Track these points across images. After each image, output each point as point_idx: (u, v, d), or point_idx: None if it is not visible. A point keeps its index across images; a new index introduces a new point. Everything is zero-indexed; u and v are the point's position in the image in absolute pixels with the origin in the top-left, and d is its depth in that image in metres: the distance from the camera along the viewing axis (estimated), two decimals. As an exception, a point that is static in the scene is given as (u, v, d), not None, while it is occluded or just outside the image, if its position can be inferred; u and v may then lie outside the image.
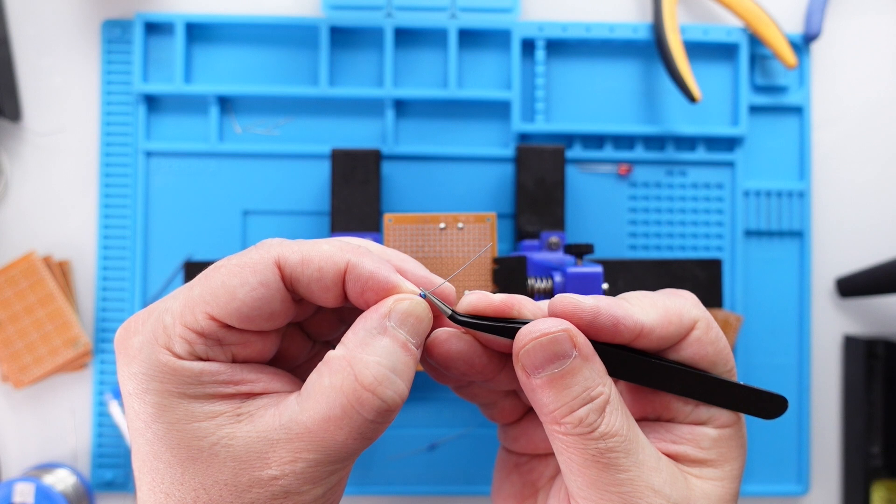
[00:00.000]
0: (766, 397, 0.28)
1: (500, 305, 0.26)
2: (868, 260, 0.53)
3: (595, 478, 0.25)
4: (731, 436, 0.27)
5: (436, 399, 0.51)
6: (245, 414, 0.24)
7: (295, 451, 0.23)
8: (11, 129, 0.52)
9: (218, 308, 0.24)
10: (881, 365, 0.51)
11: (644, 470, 0.25)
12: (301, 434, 0.23)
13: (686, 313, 0.27)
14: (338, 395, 0.24)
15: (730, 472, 0.27)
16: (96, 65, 0.52)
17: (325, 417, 0.23)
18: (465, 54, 0.52)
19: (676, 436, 0.27)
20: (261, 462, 0.23)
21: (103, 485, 0.50)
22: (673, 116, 0.53)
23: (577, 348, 0.25)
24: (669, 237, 0.52)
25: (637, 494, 0.24)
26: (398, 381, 0.24)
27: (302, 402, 0.24)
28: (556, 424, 0.25)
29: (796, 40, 0.53)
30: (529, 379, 0.25)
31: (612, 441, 0.24)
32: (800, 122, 0.53)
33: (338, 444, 0.24)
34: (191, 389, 0.24)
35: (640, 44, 0.53)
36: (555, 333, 0.25)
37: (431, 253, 0.46)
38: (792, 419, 0.52)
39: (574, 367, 0.25)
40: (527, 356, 0.25)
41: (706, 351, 0.27)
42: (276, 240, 0.26)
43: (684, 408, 0.27)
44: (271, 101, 0.52)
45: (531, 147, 0.49)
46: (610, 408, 0.25)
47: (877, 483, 0.51)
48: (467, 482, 0.51)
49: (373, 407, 0.23)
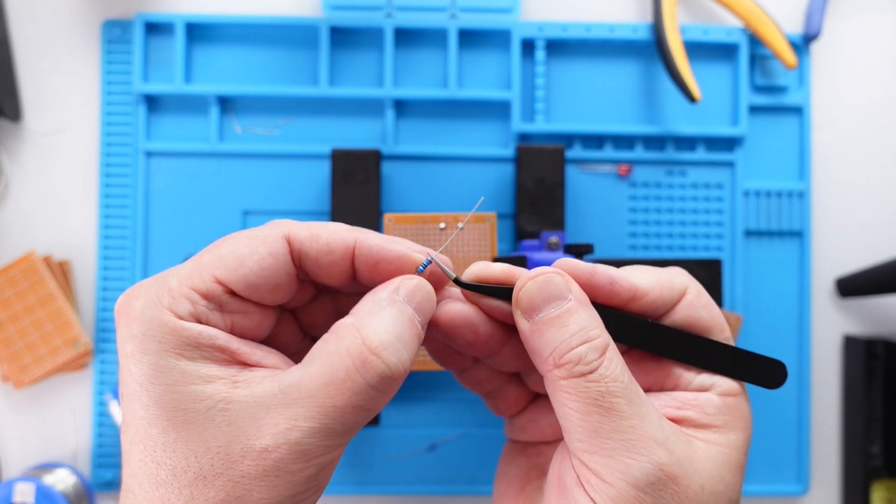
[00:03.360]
0: (765, 363, 0.28)
1: (502, 274, 0.28)
2: (868, 260, 0.53)
3: (596, 425, 0.25)
4: (736, 405, 0.28)
5: (436, 399, 0.51)
6: (242, 381, 0.24)
7: (291, 417, 0.23)
8: (11, 129, 0.52)
9: (226, 272, 0.25)
10: (881, 365, 0.51)
11: (646, 421, 0.25)
12: (300, 398, 0.23)
13: (677, 280, 0.28)
14: (343, 357, 0.24)
15: (735, 441, 0.27)
16: (96, 65, 0.52)
17: (328, 381, 0.24)
18: (465, 54, 0.52)
19: (681, 402, 0.27)
20: (255, 429, 0.23)
21: (103, 485, 0.50)
22: (673, 116, 0.53)
23: (573, 292, 0.26)
24: (669, 237, 0.52)
25: (640, 443, 0.25)
26: (403, 350, 0.24)
27: (304, 367, 0.24)
28: (557, 367, 0.25)
29: (796, 40, 0.53)
30: (528, 322, 0.26)
31: (614, 385, 0.25)
32: (800, 122, 0.53)
33: (336, 411, 0.23)
34: (189, 351, 0.24)
35: (640, 44, 0.53)
36: (551, 274, 0.26)
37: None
38: (791, 419, 0.52)
39: (571, 308, 0.26)
40: (524, 296, 0.26)
41: (699, 314, 0.28)
42: (285, 220, 0.27)
43: (686, 374, 0.28)
44: (271, 101, 0.52)
45: (531, 147, 0.49)
46: (609, 353, 0.25)
47: (877, 483, 0.51)
48: (467, 482, 0.51)
49: (377, 371, 0.24)
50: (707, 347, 0.28)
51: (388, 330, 0.24)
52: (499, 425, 0.51)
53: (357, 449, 0.51)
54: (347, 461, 0.51)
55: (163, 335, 0.24)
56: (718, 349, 0.28)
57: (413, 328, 0.25)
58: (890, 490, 0.51)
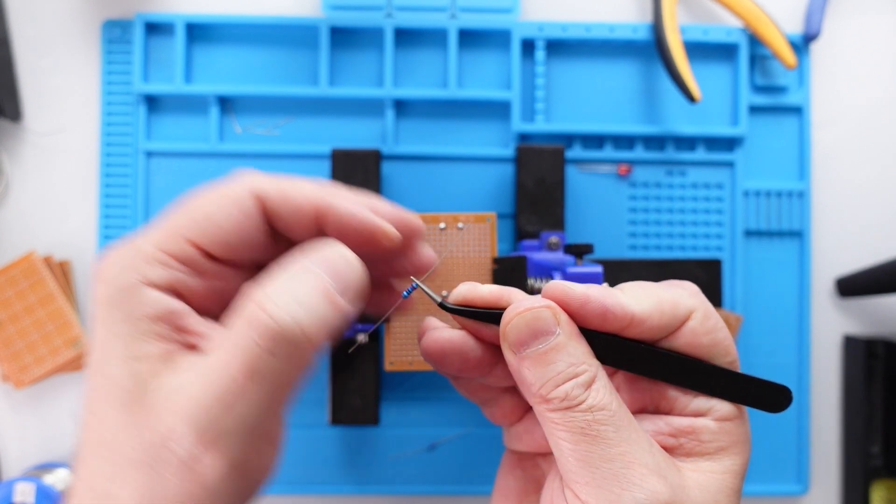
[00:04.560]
0: (769, 388, 0.27)
1: (490, 296, 0.27)
2: (868, 260, 0.53)
3: (585, 453, 0.24)
4: (733, 429, 0.26)
5: (436, 399, 0.51)
6: (180, 365, 0.23)
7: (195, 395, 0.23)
8: (11, 129, 0.52)
9: (200, 234, 0.24)
10: (881, 365, 0.51)
11: (635, 447, 0.24)
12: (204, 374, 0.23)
13: (682, 303, 0.26)
14: (237, 318, 0.23)
15: (730, 467, 0.26)
16: (96, 65, 0.52)
17: (224, 358, 0.23)
18: (465, 54, 0.52)
19: (675, 428, 0.26)
20: (169, 414, 0.22)
21: (103, 485, 0.50)
22: (673, 116, 0.53)
23: (561, 326, 0.25)
24: (669, 237, 0.52)
25: (630, 471, 0.24)
26: (300, 310, 0.23)
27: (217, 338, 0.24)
28: (544, 402, 0.25)
29: (796, 40, 0.53)
30: (515, 356, 0.25)
31: (601, 414, 0.24)
32: (799, 123, 0.53)
33: (231, 381, 0.22)
34: (144, 324, 0.23)
35: (640, 44, 0.53)
36: (538, 309, 0.25)
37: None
38: (791, 419, 0.52)
39: (559, 344, 0.25)
40: (512, 331, 0.25)
41: (700, 342, 0.26)
42: (250, 171, 0.26)
43: (682, 397, 0.27)
44: (271, 101, 0.52)
45: (531, 147, 0.49)
46: (597, 385, 0.25)
47: (877, 483, 0.51)
48: (467, 482, 0.51)
49: (264, 326, 0.22)
50: (706, 372, 0.26)
51: (285, 289, 0.23)
52: (498, 426, 0.51)
53: (357, 449, 0.51)
54: (347, 461, 0.51)
55: (123, 304, 0.23)
56: (719, 374, 0.26)
57: (321, 293, 0.23)
58: (890, 490, 0.51)
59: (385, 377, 0.50)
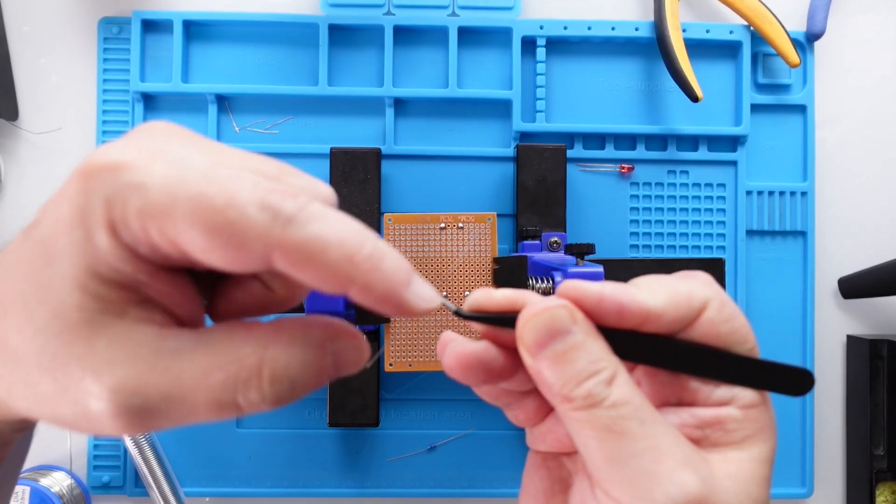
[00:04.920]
0: (790, 373, 0.27)
1: (504, 301, 0.27)
2: (871, 260, 0.53)
3: (612, 450, 0.24)
4: (758, 416, 0.26)
5: (436, 400, 0.51)
6: (130, 316, 0.22)
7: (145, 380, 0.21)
8: (8, 128, 0.51)
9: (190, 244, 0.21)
10: (885, 365, 0.50)
11: (662, 441, 0.24)
12: (169, 370, 0.22)
13: (697, 294, 0.26)
14: (235, 362, 0.22)
15: (758, 454, 0.26)
16: (93, 63, 0.52)
17: (206, 373, 0.22)
18: (466, 53, 0.52)
19: (700, 420, 0.26)
20: (107, 369, 0.21)
21: (100, 487, 0.50)
22: (675, 115, 0.52)
23: (578, 325, 0.25)
24: (671, 237, 0.52)
25: (659, 465, 0.24)
26: (288, 391, 0.23)
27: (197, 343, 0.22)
28: (567, 402, 0.24)
29: (799, 38, 0.52)
30: (534, 358, 0.25)
31: (624, 409, 0.24)
32: (803, 121, 0.53)
33: (187, 402, 0.22)
34: (102, 265, 0.22)
35: (642, 42, 0.52)
36: (554, 309, 0.25)
37: (431, 253, 0.45)
38: (795, 421, 0.51)
39: (577, 343, 0.25)
40: (528, 333, 0.25)
41: (719, 331, 0.26)
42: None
43: (704, 388, 0.26)
44: (270, 100, 0.51)
45: (532, 146, 0.49)
46: (618, 381, 0.25)
47: (881, 485, 0.50)
48: (467, 484, 0.50)
49: (253, 396, 0.22)
50: (727, 361, 0.26)
51: (291, 367, 0.23)
52: (498, 427, 0.51)
53: (356, 450, 0.50)
54: (347, 463, 0.50)
55: (92, 234, 0.21)
56: (739, 362, 0.26)
57: (317, 379, 0.23)
58: (894, 492, 0.51)
59: (385, 378, 0.50)
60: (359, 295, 0.22)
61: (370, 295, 0.22)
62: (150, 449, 0.49)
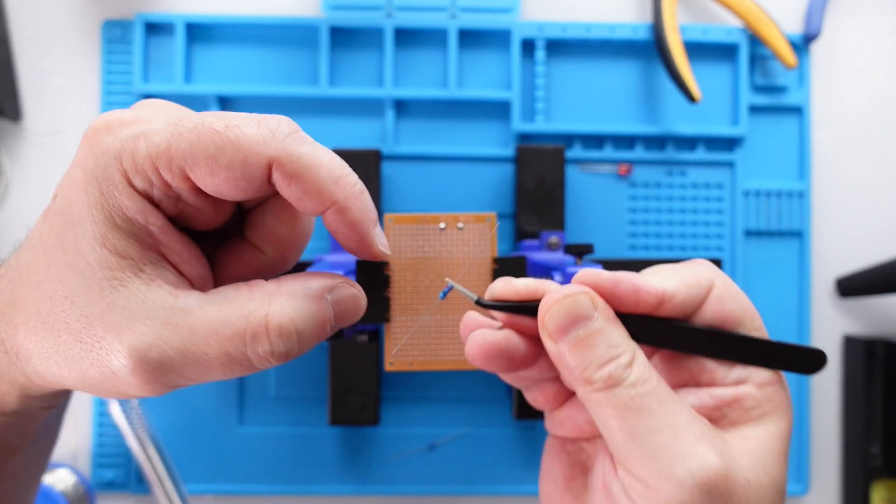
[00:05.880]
0: (803, 352, 0.27)
1: (525, 289, 0.27)
2: (868, 260, 0.53)
3: (632, 427, 0.24)
4: (774, 394, 0.27)
5: (436, 399, 0.51)
6: (145, 275, 0.24)
7: (160, 336, 0.23)
8: (12, 129, 0.52)
9: (202, 176, 0.24)
10: (881, 365, 0.51)
11: (680, 418, 0.25)
12: (181, 326, 0.23)
13: (703, 275, 0.27)
14: (240, 317, 0.24)
15: (776, 431, 0.26)
16: (96, 65, 0.52)
17: (216, 328, 0.24)
18: (465, 54, 0.52)
19: (718, 399, 0.27)
20: (126, 322, 0.23)
21: (103, 485, 0.50)
22: (673, 116, 0.53)
23: (598, 310, 0.26)
24: (669, 237, 0.52)
25: (679, 441, 0.24)
26: (296, 344, 0.25)
27: (204, 301, 0.24)
28: (588, 384, 0.25)
29: (796, 40, 0.53)
30: (556, 345, 0.26)
31: (643, 388, 0.25)
32: (799, 122, 0.53)
33: (203, 358, 0.24)
34: (120, 220, 0.24)
35: (640, 44, 0.53)
36: (576, 295, 0.26)
37: (431, 253, 0.46)
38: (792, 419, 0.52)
39: (598, 328, 0.25)
40: (551, 320, 0.26)
41: (730, 308, 0.27)
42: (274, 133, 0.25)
43: (720, 369, 0.27)
44: (271, 101, 0.52)
45: (531, 147, 0.49)
46: (637, 363, 0.25)
47: (877, 483, 0.51)
48: (467, 482, 0.51)
49: (261, 349, 0.24)
50: (740, 342, 0.27)
51: (295, 319, 0.24)
52: (498, 425, 0.51)
53: (357, 449, 0.51)
54: (347, 460, 0.51)
55: (107, 190, 0.24)
56: (752, 343, 0.27)
57: (320, 329, 0.25)
58: (890, 490, 0.51)
59: (385, 377, 0.50)
60: (333, 216, 0.25)
61: (345, 217, 0.25)
62: (153, 447, 0.49)
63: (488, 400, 0.51)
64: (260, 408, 0.51)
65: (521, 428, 0.51)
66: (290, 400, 0.51)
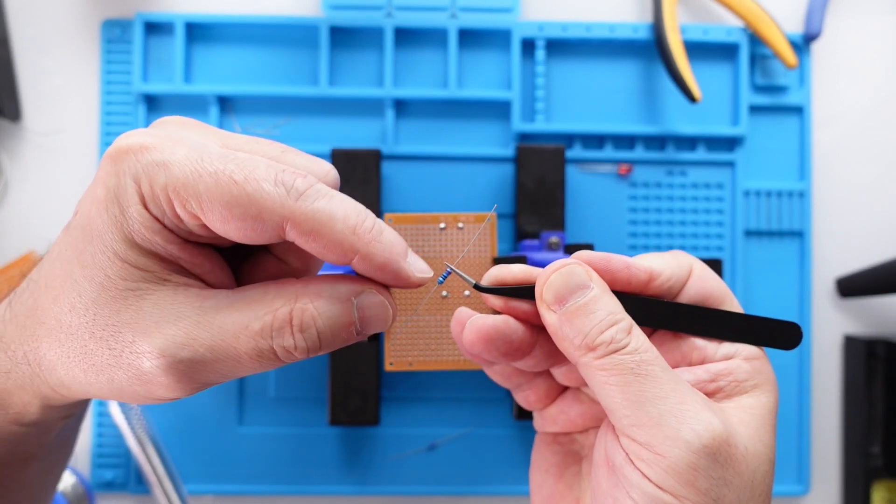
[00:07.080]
0: (780, 326, 0.29)
1: (521, 274, 0.28)
2: (868, 260, 0.53)
3: (638, 393, 0.25)
4: (761, 367, 0.28)
5: (436, 399, 0.51)
6: (171, 282, 0.25)
7: (191, 335, 0.24)
8: (11, 129, 0.52)
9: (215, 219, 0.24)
10: (881, 365, 0.51)
11: (683, 386, 0.26)
12: (212, 323, 0.24)
13: (683, 258, 0.29)
14: (268, 313, 0.24)
15: (767, 403, 0.28)
16: (96, 65, 0.52)
17: (245, 324, 0.24)
18: (465, 54, 0.52)
19: (713, 373, 0.28)
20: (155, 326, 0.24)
21: (103, 485, 0.50)
22: (673, 116, 0.53)
23: (594, 281, 0.27)
24: (669, 237, 0.52)
25: (684, 405, 0.25)
26: (319, 343, 0.25)
27: (232, 300, 0.25)
28: (590, 351, 0.26)
29: (797, 40, 0.53)
30: (555, 315, 0.27)
31: (646, 355, 0.26)
32: (800, 122, 0.53)
33: (231, 352, 0.24)
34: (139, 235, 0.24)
35: (641, 44, 0.53)
36: (572, 265, 0.27)
37: (431, 253, 0.46)
38: (792, 419, 0.52)
39: (595, 296, 0.27)
40: (548, 290, 0.27)
41: (710, 286, 0.29)
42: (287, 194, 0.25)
43: (709, 346, 0.29)
44: (271, 101, 0.52)
45: (531, 147, 0.49)
46: (636, 331, 0.26)
47: (877, 483, 0.51)
48: (467, 482, 0.51)
49: (286, 345, 0.25)
50: (724, 318, 0.29)
51: (317, 317, 0.25)
52: (498, 425, 0.51)
53: (357, 449, 0.51)
54: (347, 461, 0.51)
55: (127, 210, 0.24)
56: (735, 319, 0.29)
57: (344, 331, 0.26)
58: (890, 490, 0.51)
59: (385, 377, 0.50)
60: (361, 264, 0.25)
61: (371, 263, 0.25)
62: (153, 447, 0.49)
63: (488, 400, 0.51)
64: (260, 408, 0.51)
65: (521, 428, 0.51)
66: (290, 400, 0.51)
